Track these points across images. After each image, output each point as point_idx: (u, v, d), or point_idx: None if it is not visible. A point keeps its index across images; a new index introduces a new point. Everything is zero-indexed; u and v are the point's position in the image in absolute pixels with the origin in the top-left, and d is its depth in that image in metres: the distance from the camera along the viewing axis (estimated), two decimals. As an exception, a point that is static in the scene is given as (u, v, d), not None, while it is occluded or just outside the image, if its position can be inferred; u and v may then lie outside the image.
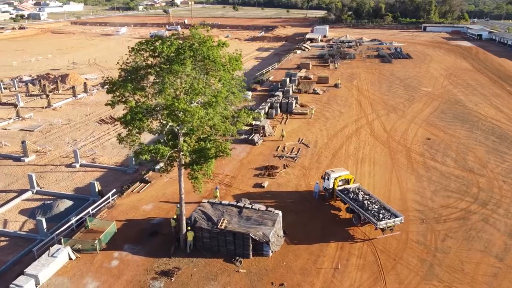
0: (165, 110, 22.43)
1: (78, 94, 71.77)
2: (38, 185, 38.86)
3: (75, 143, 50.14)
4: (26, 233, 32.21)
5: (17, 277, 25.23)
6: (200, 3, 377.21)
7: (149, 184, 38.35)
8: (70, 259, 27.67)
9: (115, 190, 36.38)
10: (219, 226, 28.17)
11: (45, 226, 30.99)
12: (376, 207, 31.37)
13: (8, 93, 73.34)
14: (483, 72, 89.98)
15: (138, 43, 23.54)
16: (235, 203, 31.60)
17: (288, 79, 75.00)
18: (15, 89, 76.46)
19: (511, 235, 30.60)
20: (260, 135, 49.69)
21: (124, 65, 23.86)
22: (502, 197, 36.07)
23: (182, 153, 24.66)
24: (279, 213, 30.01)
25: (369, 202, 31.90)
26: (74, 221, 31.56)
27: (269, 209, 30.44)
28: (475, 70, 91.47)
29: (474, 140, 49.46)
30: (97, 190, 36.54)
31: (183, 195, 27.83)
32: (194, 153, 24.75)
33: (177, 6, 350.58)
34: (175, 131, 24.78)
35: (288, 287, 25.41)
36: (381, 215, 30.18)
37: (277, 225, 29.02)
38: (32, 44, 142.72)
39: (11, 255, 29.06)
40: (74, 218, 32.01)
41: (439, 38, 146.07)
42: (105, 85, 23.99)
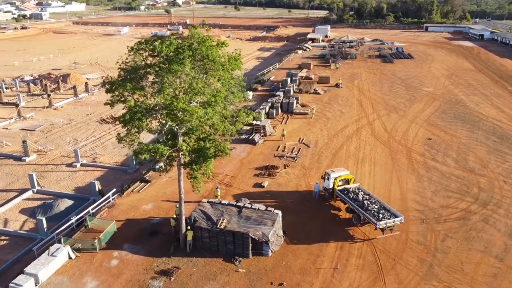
0: (164, 110, 22.45)
1: (79, 94, 71.91)
2: (39, 184, 38.93)
3: (76, 142, 50.23)
4: (26, 232, 32.26)
5: (17, 276, 25.31)
6: (202, 3, 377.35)
7: (149, 183, 38.41)
8: (70, 258, 27.74)
9: (115, 190, 36.45)
10: (218, 226, 28.18)
11: (45, 225, 31.03)
12: (376, 207, 31.34)
13: (10, 92, 73.52)
14: (484, 72, 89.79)
15: (137, 43, 23.56)
16: (234, 202, 31.61)
17: (289, 79, 75.00)
18: (16, 88, 76.67)
19: (511, 235, 30.55)
20: (261, 135, 49.70)
21: (123, 64, 23.89)
22: (503, 197, 35.99)
23: (182, 152, 24.68)
24: (278, 213, 30.00)
25: (369, 202, 31.86)
26: (74, 220, 31.63)
27: (269, 208, 30.43)
28: (477, 70, 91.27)
29: (475, 140, 49.36)
30: (97, 189, 36.59)
31: (182, 194, 27.87)
32: (193, 153, 24.76)
33: (178, 6, 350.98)
34: (175, 131, 24.81)
35: (288, 286, 25.41)
36: (381, 215, 30.15)
37: (276, 224, 29.01)
38: (34, 44, 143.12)
39: (11, 254, 29.11)
40: (74, 217, 32.09)
41: (440, 38, 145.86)
42: (105, 84, 24.01)
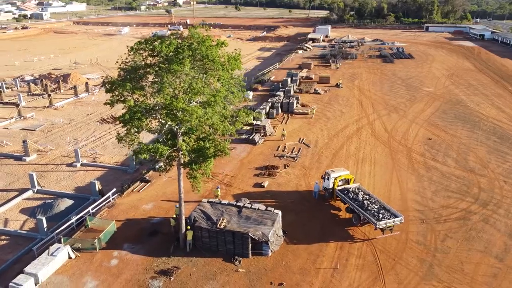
0: (163, 110, 22.45)
1: (80, 94, 71.95)
2: (39, 184, 38.96)
3: (76, 142, 50.26)
4: (26, 232, 32.29)
5: (17, 275, 25.33)
6: (202, 3, 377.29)
7: (149, 183, 38.42)
8: (70, 258, 27.76)
9: (115, 190, 36.47)
10: (218, 226, 28.18)
11: (45, 225, 31.05)
12: (376, 207, 31.32)
13: (10, 92, 73.60)
14: (485, 72, 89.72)
15: (137, 43, 23.57)
16: (234, 202, 31.61)
17: (290, 79, 74.97)
18: (17, 88, 76.73)
19: (511, 235, 30.52)
20: (261, 134, 49.70)
21: (123, 64, 23.90)
22: (503, 197, 35.96)
23: (181, 152, 24.69)
24: (278, 212, 29.99)
25: (369, 202, 31.85)
26: (74, 220, 31.65)
27: (269, 208, 30.42)
28: (477, 70, 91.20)
29: (475, 140, 49.32)
30: (97, 189, 36.61)
31: (182, 194, 27.88)
32: (193, 153, 24.77)
33: (179, 6, 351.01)
34: (174, 131, 24.82)
35: (287, 286, 25.41)
36: (380, 215, 30.14)
37: (276, 224, 29.00)
38: (34, 44, 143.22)
39: (11, 254, 29.14)
40: (74, 217, 32.11)
41: (441, 38, 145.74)
42: (104, 84, 24.03)
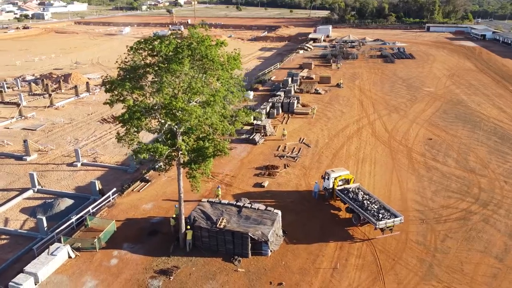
0: (163, 109, 22.47)
1: (81, 94, 72.05)
2: (39, 183, 39.00)
3: (77, 142, 50.32)
4: (26, 231, 32.33)
5: (17, 275, 25.37)
6: (204, 3, 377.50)
7: (149, 183, 38.45)
8: (70, 257, 27.80)
9: (115, 189, 36.51)
10: (218, 225, 28.19)
11: (45, 224, 31.09)
12: (375, 207, 31.30)
13: (11, 92, 73.71)
14: (486, 72, 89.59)
15: (136, 42, 23.59)
16: (234, 202, 31.63)
17: (290, 79, 74.95)
18: (18, 88, 76.82)
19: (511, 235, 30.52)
20: (261, 134, 49.69)
21: (122, 64, 23.92)
22: (503, 197, 35.90)
23: (181, 152, 24.70)
24: (278, 212, 29.99)
25: (368, 202, 31.82)
26: (74, 219, 31.69)
27: (269, 208, 30.42)
28: (478, 70, 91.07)
29: (476, 140, 49.25)
30: (97, 189, 36.64)
31: (182, 194, 27.89)
32: (193, 152, 24.78)
33: (180, 6, 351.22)
34: (174, 130, 24.84)
35: (287, 286, 25.41)
36: (380, 215, 30.11)
37: (276, 224, 29.00)
38: (35, 43, 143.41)
39: (11, 253, 29.18)
40: (74, 216, 32.15)
41: (442, 38, 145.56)
42: (104, 84, 24.05)
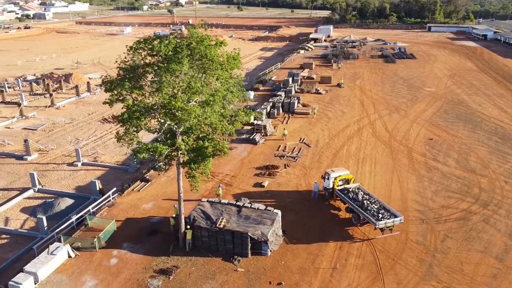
0: (162, 109, 22.49)
1: (81, 93, 72.17)
2: (40, 183, 39.06)
3: (77, 142, 50.39)
4: (27, 231, 32.38)
5: (17, 274, 25.42)
6: (205, 3, 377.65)
7: (149, 183, 38.48)
8: (70, 257, 27.84)
9: (115, 189, 36.56)
10: (217, 225, 28.19)
11: (45, 224, 31.16)
12: (375, 207, 31.27)
13: (12, 92, 73.87)
14: (487, 72, 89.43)
15: (136, 42, 23.62)
16: (234, 202, 31.63)
17: (291, 79, 74.95)
18: (19, 88, 77.00)
19: (512, 236, 30.45)
20: (262, 134, 49.68)
21: (122, 64, 23.94)
22: (504, 197, 35.84)
23: (180, 151, 24.71)
24: (278, 212, 29.98)
25: (368, 202, 31.79)
26: (75, 219, 31.73)
27: (268, 208, 30.41)
28: (479, 71, 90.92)
29: (477, 140, 49.17)
30: (98, 188, 36.69)
31: (181, 194, 27.91)
32: (192, 152, 24.79)
33: (181, 6, 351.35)
34: (174, 130, 24.85)
35: (286, 286, 25.40)
36: (380, 215, 30.09)
37: (276, 224, 28.99)
38: (37, 43, 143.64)
39: (11, 253, 29.24)
40: (74, 216, 32.19)
41: (443, 38, 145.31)
42: (103, 83, 24.08)
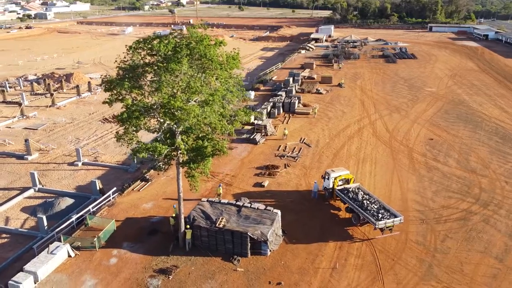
0: (161, 109, 22.50)
1: (82, 93, 72.28)
2: (40, 183, 39.11)
3: (78, 141, 50.45)
4: (27, 230, 32.43)
5: (17, 273, 25.46)
6: (206, 3, 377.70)
7: (149, 182, 38.51)
8: (69, 256, 27.88)
9: (115, 189, 36.59)
10: (217, 225, 28.20)
11: (45, 223, 31.20)
12: (375, 207, 31.24)
13: (13, 91, 73.99)
14: (488, 72, 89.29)
15: (135, 42, 23.64)
16: (234, 202, 31.64)
17: (291, 79, 74.92)
18: (20, 88, 77.13)
19: (512, 236, 30.39)
20: (262, 134, 49.68)
21: (121, 63, 23.96)
22: (504, 198, 35.78)
23: (180, 151, 24.72)
24: (278, 212, 29.98)
25: (368, 202, 31.77)
26: (75, 219, 31.78)
27: (268, 208, 30.41)
28: (480, 71, 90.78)
29: (477, 140, 49.09)
30: (98, 188, 36.73)
31: (181, 193, 27.92)
32: (192, 152, 24.80)
33: (182, 6, 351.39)
34: (173, 130, 24.87)
35: (286, 286, 25.39)
36: (380, 215, 30.06)
37: (275, 224, 28.99)
38: (38, 43, 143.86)
39: (11, 252, 29.28)
40: (74, 216, 32.24)
41: (445, 38, 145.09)
42: (103, 83, 24.10)
